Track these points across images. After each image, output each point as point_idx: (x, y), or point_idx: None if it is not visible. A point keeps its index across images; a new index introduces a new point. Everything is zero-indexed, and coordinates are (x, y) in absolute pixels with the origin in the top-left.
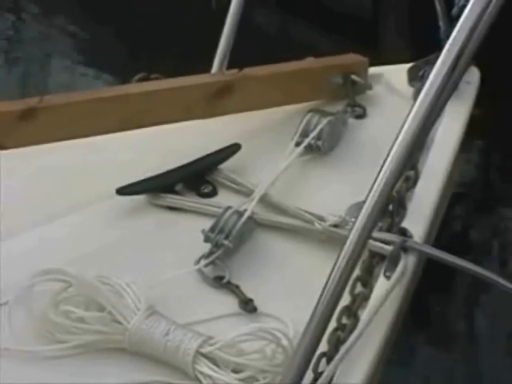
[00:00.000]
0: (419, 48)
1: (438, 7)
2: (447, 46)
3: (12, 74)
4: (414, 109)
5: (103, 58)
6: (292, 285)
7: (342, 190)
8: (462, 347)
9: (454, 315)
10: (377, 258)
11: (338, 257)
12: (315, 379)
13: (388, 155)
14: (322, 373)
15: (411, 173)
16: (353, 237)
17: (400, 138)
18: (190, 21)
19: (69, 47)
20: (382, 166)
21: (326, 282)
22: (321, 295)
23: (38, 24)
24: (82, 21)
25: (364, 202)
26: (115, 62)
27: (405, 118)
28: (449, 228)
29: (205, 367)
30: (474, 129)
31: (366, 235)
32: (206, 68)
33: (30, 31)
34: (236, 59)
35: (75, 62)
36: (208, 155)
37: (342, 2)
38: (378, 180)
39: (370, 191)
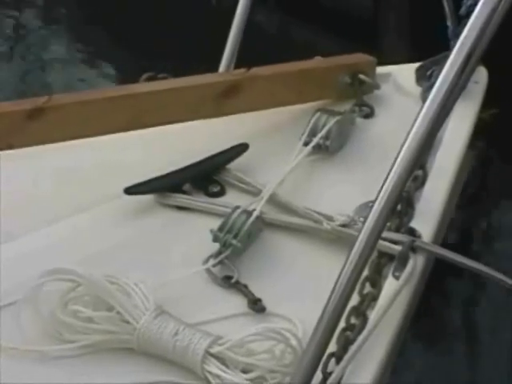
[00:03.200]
0: (419, 47)
1: (446, 7)
2: (457, 46)
3: (11, 73)
4: (424, 108)
5: (103, 58)
6: (300, 284)
7: (350, 190)
8: (463, 347)
9: (455, 315)
10: (385, 257)
11: (348, 257)
12: (324, 379)
13: (398, 155)
14: (331, 373)
15: (419, 172)
16: (363, 236)
17: (410, 137)
18: (190, 20)
19: (68, 48)
20: (393, 166)
21: (336, 282)
22: (330, 295)
23: (37, 23)
24: (81, 21)
25: (374, 201)
26: (114, 61)
27: (415, 118)
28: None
29: (214, 367)
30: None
31: (376, 235)
32: (206, 67)
33: (29, 30)
34: (236, 58)
35: (75, 63)
36: (216, 155)
37: (342, 1)
38: (389, 180)
39: (380, 191)
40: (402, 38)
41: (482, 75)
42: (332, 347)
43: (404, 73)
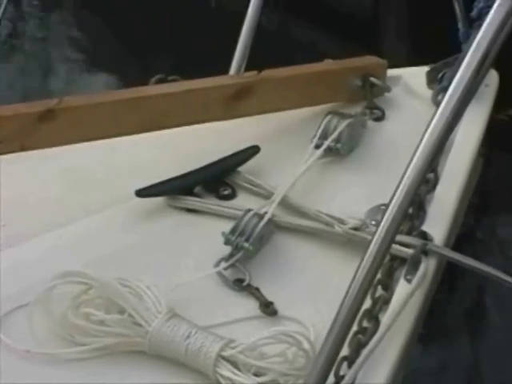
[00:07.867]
0: (419, 48)
1: (457, 9)
2: (472, 48)
3: (11, 74)
4: (439, 111)
5: (101, 58)
6: (312, 288)
7: (362, 193)
8: (466, 347)
9: (460, 317)
10: (397, 261)
11: (362, 260)
12: (337, 383)
13: (412, 158)
14: (343, 376)
15: (431, 175)
16: (377, 240)
17: (424, 140)
18: (189, 21)
19: (68, 48)
20: (406, 169)
21: (350, 286)
22: (344, 298)
23: (37, 23)
24: (79, 20)
25: (386, 204)
26: (114, 62)
27: (429, 121)
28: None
29: (226, 370)
30: None
31: (389, 238)
32: (205, 69)
33: (28, 30)
34: None
35: (74, 65)
36: (227, 157)
37: (342, 1)
38: (403, 183)
39: (394, 194)
40: (401, 38)
41: (492, 78)
42: (344, 351)
43: (415, 75)
